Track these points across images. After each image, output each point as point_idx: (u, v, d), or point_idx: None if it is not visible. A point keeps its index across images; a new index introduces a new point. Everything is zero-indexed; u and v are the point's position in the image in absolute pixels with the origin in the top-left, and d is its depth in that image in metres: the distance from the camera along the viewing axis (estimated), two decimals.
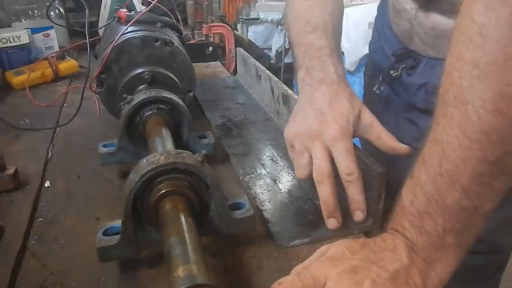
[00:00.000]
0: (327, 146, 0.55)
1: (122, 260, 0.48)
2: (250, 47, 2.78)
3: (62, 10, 1.33)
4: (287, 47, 3.06)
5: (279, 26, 3.42)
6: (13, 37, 1.10)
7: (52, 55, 1.11)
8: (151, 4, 0.75)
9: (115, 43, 0.70)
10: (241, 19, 3.46)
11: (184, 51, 0.76)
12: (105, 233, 0.46)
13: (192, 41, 1.42)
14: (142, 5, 1.08)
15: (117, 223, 0.46)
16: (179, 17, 0.91)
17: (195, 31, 1.59)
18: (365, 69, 0.93)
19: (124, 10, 0.78)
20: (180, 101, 0.66)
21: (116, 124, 0.69)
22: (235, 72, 1.15)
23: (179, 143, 0.65)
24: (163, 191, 0.44)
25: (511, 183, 0.40)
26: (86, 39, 0.74)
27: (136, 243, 0.46)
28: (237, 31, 3.21)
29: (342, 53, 2.24)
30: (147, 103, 0.64)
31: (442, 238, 0.41)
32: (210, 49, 1.24)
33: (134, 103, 0.63)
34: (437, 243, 0.41)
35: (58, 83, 1.10)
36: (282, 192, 0.62)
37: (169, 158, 0.45)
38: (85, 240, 0.51)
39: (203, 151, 0.48)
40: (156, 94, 0.64)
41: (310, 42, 0.65)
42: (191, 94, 0.78)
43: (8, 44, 1.10)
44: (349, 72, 2.28)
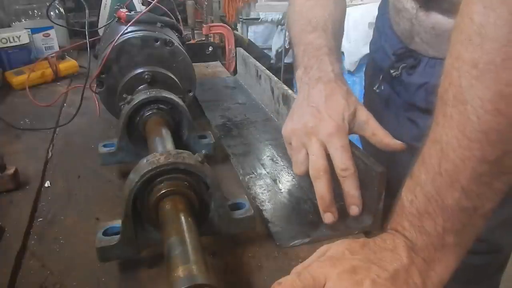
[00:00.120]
0: (323, 143, 0.56)
1: (122, 260, 0.48)
2: (250, 47, 2.78)
3: (62, 10, 1.33)
4: (287, 47, 3.06)
5: (279, 26, 3.42)
6: (13, 37, 1.10)
7: (52, 55, 1.11)
8: (151, 4, 0.75)
9: (115, 43, 0.70)
10: (241, 19, 3.46)
11: (184, 51, 0.76)
12: (105, 233, 0.46)
13: (192, 41, 1.42)
14: (142, 5, 1.08)
15: (117, 223, 0.46)
16: (179, 17, 0.91)
17: (195, 31, 1.59)
18: (366, 69, 0.93)
19: (124, 10, 0.78)
20: (180, 101, 0.66)
21: (116, 124, 0.69)
22: (235, 72, 1.15)
23: (179, 143, 0.65)
24: (163, 191, 0.44)
25: (511, 183, 0.40)
26: (86, 39, 0.74)
27: (136, 243, 0.46)
28: (237, 31, 3.21)
29: (342, 53, 2.24)
30: (147, 103, 0.64)
31: (442, 238, 0.41)
32: (210, 49, 1.24)
33: (134, 103, 0.63)
34: (437, 243, 0.41)
35: (58, 83, 1.10)
36: (282, 192, 0.62)
37: (169, 158, 0.45)
38: (85, 240, 0.51)
39: (203, 151, 0.48)
40: (156, 94, 0.64)
41: (310, 42, 0.65)
42: (191, 94, 0.78)
43: (8, 44, 1.10)
44: (349, 72, 2.28)
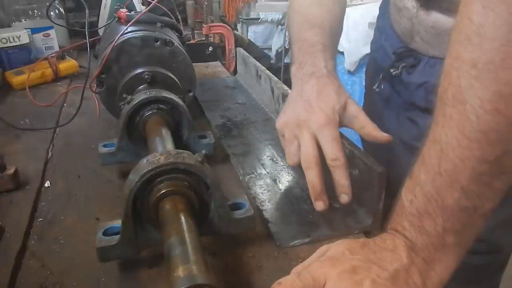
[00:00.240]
0: (314, 134, 0.58)
1: (122, 260, 0.48)
2: (250, 47, 2.78)
3: (62, 10, 1.33)
4: (287, 47, 3.06)
5: (279, 26, 3.42)
6: (13, 37, 1.10)
7: (52, 55, 1.11)
8: (151, 4, 0.75)
9: (115, 43, 0.70)
10: (241, 19, 3.46)
11: (184, 51, 0.76)
12: (105, 233, 0.46)
13: (192, 41, 1.42)
14: (142, 5, 1.08)
15: (117, 223, 0.46)
16: (179, 17, 0.91)
17: (195, 31, 1.59)
18: (367, 68, 0.93)
19: (124, 10, 0.78)
20: (180, 101, 0.66)
21: (116, 124, 0.69)
22: (235, 72, 1.15)
23: (179, 143, 0.65)
24: (163, 191, 0.44)
25: (511, 183, 0.40)
26: (86, 39, 0.74)
27: (136, 243, 0.46)
28: (237, 31, 3.21)
29: (342, 53, 2.24)
30: (147, 103, 0.64)
31: (442, 238, 0.41)
32: (210, 49, 1.24)
33: (134, 103, 0.63)
34: (437, 243, 0.41)
35: (58, 83, 1.10)
36: (282, 192, 0.62)
37: (169, 158, 0.45)
38: (85, 240, 0.51)
39: (203, 151, 0.48)
40: (156, 94, 0.64)
41: (306, 39, 0.67)
42: (191, 94, 0.78)
43: (8, 44, 1.10)
44: (349, 72, 2.28)
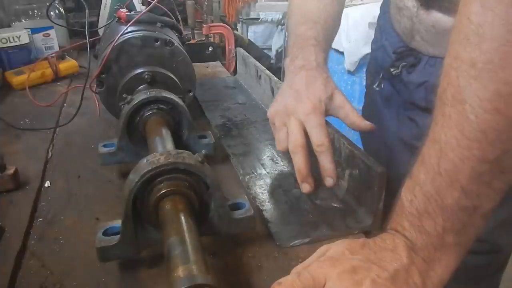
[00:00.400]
0: (301, 122, 0.61)
1: (122, 260, 0.48)
2: (250, 47, 2.78)
3: (62, 10, 1.33)
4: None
5: (279, 26, 3.42)
6: (13, 37, 1.10)
7: (52, 55, 1.11)
8: (151, 4, 0.75)
9: (115, 43, 0.70)
10: (241, 19, 3.46)
11: (184, 51, 0.76)
12: (105, 233, 0.46)
13: (192, 41, 1.42)
14: (142, 5, 1.08)
15: (117, 223, 0.46)
16: (179, 17, 0.91)
17: (195, 31, 1.59)
18: (368, 68, 0.94)
19: (124, 10, 0.78)
20: (180, 101, 0.66)
21: (116, 124, 0.69)
22: (235, 72, 1.15)
23: (179, 143, 0.65)
24: (163, 191, 0.44)
25: (511, 182, 0.40)
26: (86, 39, 0.74)
27: (136, 243, 0.46)
28: (237, 31, 3.21)
29: (342, 53, 2.24)
30: (147, 103, 0.64)
31: (442, 238, 0.41)
32: (210, 49, 1.24)
33: (134, 103, 0.63)
34: (437, 243, 0.41)
35: (58, 83, 1.10)
36: (282, 192, 0.62)
37: (169, 158, 0.45)
38: (85, 240, 0.51)
39: (203, 151, 0.48)
40: (156, 94, 0.64)
41: (300, 33, 0.70)
42: (191, 94, 0.78)
43: (8, 44, 1.10)
44: (349, 72, 2.28)
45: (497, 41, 0.36)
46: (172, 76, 0.73)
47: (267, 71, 0.91)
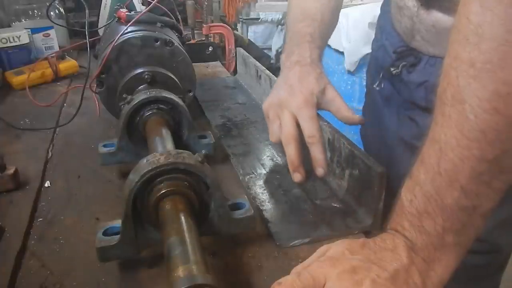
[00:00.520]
0: (294, 114, 0.64)
1: (122, 260, 0.48)
2: (250, 47, 2.78)
3: (62, 10, 1.33)
4: None
5: (279, 26, 3.42)
6: (13, 37, 1.10)
7: (52, 55, 1.11)
8: (151, 4, 0.75)
9: (115, 43, 0.70)
10: (241, 19, 3.46)
11: (184, 51, 0.76)
12: (105, 233, 0.46)
13: (192, 41, 1.42)
14: (142, 5, 1.08)
15: (117, 223, 0.46)
16: (179, 17, 0.91)
17: (195, 31, 1.59)
18: (368, 67, 0.94)
19: (124, 10, 0.78)
20: (180, 101, 0.66)
21: (116, 124, 0.69)
22: (235, 72, 1.15)
23: (179, 143, 0.65)
24: (163, 191, 0.44)
25: (510, 182, 0.40)
26: (86, 39, 0.74)
27: (136, 243, 0.46)
28: (237, 31, 3.21)
29: (342, 53, 2.24)
30: (147, 103, 0.64)
31: (442, 238, 0.41)
32: (210, 49, 1.24)
33: (134, 103, 0.63)
34: (437, 243, 0.41)
35: (58, 83, 1.10)
36: (282, 192, 0.62)
37: (169, 158, 0.45)
38: (85, 240, 0.51)
39: (203, 151, 0.48)
40: (156, 94, 0.64)
41: (297, 30, 0.72)
42: (191, 94, 0.78)
43: (8, 44, 1.10)
44: (349, 72, 2.28)
45: (496, 41, 0.36)
46: (172, 76, 0.73)
47: (267, 71, 0.91)
